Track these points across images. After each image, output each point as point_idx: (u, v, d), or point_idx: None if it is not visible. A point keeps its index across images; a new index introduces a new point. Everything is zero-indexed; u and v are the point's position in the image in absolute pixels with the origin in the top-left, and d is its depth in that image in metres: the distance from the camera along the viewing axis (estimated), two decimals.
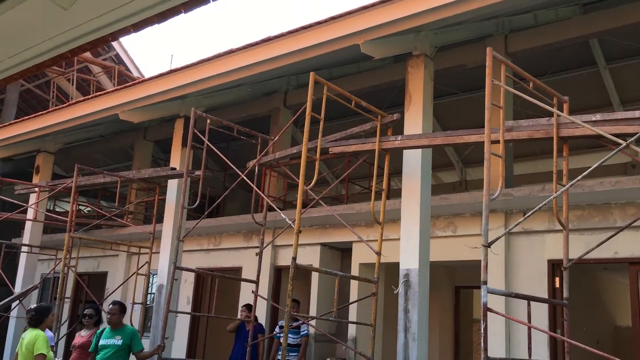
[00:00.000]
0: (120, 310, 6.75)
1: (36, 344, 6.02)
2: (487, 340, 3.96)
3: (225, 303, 10.97)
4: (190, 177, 7.92)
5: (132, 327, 6.88)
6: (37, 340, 6.05)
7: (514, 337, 7.52)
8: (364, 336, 9.10)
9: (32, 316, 6.28)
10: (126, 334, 6.59)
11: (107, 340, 6.54)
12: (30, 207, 12.06)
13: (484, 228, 4.18)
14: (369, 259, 9.33)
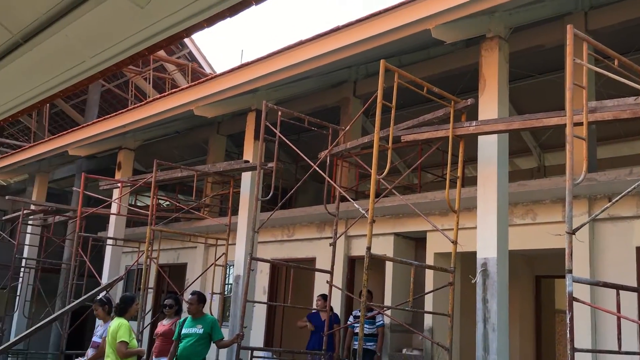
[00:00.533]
0: (198, 300, 6.96)
1: (119, 332, 6.32)
2: (573, 331, 3.79)
3: (300, 293, 11.09)
4: (263, 169, 8.03)
5: (212, 317, 7.08)
6: (120, 329, 6.34)
7: (601, 328, 7.18)
8: (441, 326, 8.97)
9: (117, 305, 6.59)
10: (207, 323, 6.79)
11: (189, 329, 6.77)
12: (114, 201, 12.62)
13: (568, 214, 4.00)
14: (444, 248, 9.16)
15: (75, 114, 21.00)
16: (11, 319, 15.81)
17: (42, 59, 2.80)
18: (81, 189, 11.36)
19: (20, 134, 23.19)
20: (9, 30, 2.61)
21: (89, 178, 12.04)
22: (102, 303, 7.48)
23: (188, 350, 6.70)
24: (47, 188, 17.53)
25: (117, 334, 6.31)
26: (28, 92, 3.15)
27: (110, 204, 12.93)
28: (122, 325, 6.37)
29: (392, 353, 9.70)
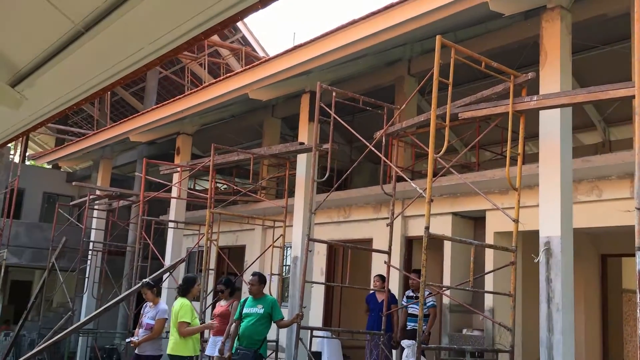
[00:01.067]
0: (259, 280, 7.08)
1: (180, 312, 6.55)
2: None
3: (357, 274, 11.12)
4: (318, 151, 8.04)
5: (272, 297, 7.20)
6: (181, 309, 6.58)
7: None
8: (502, 307, 8.81)
9: (180, 286, 6.80)
10: (267, 303, 6.91)
11: (250, 309, 6.91)
12: (174, 185, 12.94)
13: (637, 190, 3.82)
14: (504, 227, 8.96)
15: (135, 101, 21.61)
16: (81, 299, 16.55)
17: (103, 47, 2.86)
18: (143, 174, 11.70)
19: (84, 122, 24.08)
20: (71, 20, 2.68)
21: (150, 163, 12.37)
22: (150, 286, 7.57)
23: (250, 330, 6.82)
24: (111, 174, 18.16)
25: (178, 314, 6.52)
26: (90, 80, 3.22)
27: (170, 188, 13.27)
28: (184, 305, 6.58)
29: (452, 333, 9.61)
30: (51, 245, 15.31)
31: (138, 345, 7.02)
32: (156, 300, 7.41)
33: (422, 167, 13.81)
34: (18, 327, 14.46)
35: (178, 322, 6.57)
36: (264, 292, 7.19)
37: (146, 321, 7.30)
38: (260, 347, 6.83)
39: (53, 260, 14.44)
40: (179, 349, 6.54)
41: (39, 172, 22.31)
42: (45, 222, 20.37)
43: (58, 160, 18.34)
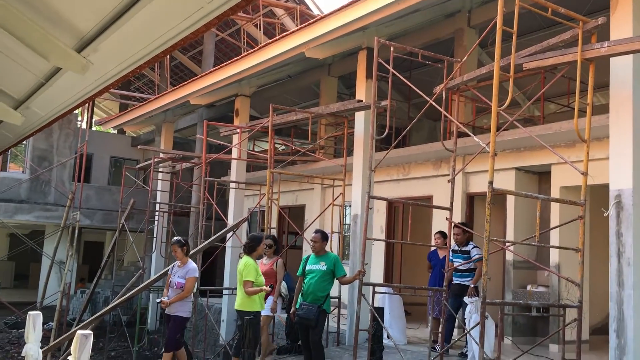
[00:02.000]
0: (322, 237, 7.16)
1: (244, 271, 6.68)
2: None
3: (417, 231, 11.09)
4: (377, 108, 7.94)
5: (334, 254, 7.26)
6: (246, 268, 6.70)
7: None
8: (568, 262, 8.63)
9: (246, 244, 6.92)
10: (330, 260, 6.99)
11: (313, 266, 7.02)
12: (234, 147, 13.14)
13: None
14: (571, 181, 8.70)
15: (193, 65, 21.89)
16: (150, 258, 17.27)
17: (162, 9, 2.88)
18: (204, 136, 11.91)
19: (146, 87, 24.64)
20: None
21: (210, 126, 12.57)
22: (181, 244, 7.47)
23: (313, 286, 6.95)
24: (173, 137, 18.63)
25: (243, 272, 6.67)
26: (152, 43, 3.26)
27: (230, 149, 13.49)
28: (248, 264, 6.72)
29: (516, 290, 9.50)
30: (120, 207, 15.97)
31: (169, 305, 7.02)
32: (185, 260, 7.33)
33: (483, 123, 13.47)
34: (93, 285, 15.27)
35: (244, 281, 6.69)
36: (326, 250, 7.26)
37: (176, 280, 7.21)
38: (324, 303, 6.95)
39: (122, 221, 15.06)
40: (247, 305, 6.71)
41: (105, 137, 23.15)
42: (114, 185, 21.22)
43: (123, 125, 18.91)
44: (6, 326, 14.97)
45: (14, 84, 5.65)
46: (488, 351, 6.82)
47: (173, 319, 7.05)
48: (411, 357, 7.91)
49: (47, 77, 5.26)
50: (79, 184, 15.79)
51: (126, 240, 16.38)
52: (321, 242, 7.17)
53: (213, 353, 12.03)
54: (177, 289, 7.11)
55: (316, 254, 7.14)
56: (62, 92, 5.44)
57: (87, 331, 5.08)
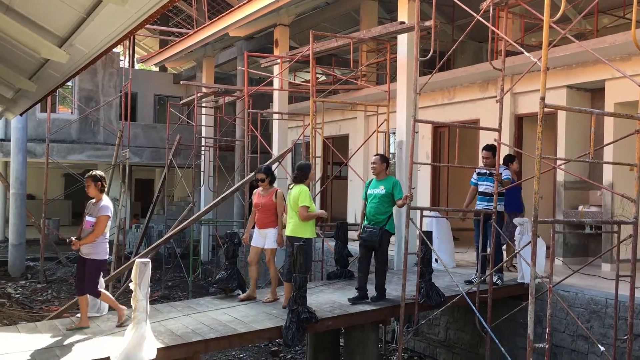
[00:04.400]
0: (381, 160, 7.21)
1: (300, 196, 6.74)
2: None
3: (464, 157, 10.93)
4: (420, 29, 7.69)
5: (394, 178, 7.28)
6: (302, 194, 6.76)
7: None
8: (622, 180, 8.40)
9: (297, 174, 6.96)
10: (389, 184, 7.08)
11: (373, 190, 7.14)
12: (276, 77, 13.05)
13: None
14: (626, 97, 8.36)
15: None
16: (199, 192, 17.69)
17: None
18: (245, 68, 11.87)
19: (184, 23, 24.50)
20: None
21: (251, 58, 12.51)
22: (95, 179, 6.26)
23: (373, 209, 7.06)
24: (214, 72, 18.62)
25: (298, 199, 6.75)
26: None
27: (272, 81, 13.42)
28: (303, 191, 6.80)
29: (567, 210, 9.36)
30: (167, 143, 16.27)
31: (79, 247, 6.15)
32: (99, 197, 6.30)
33: (531, 41, 12.94)
34: (146, 220, 15.81)
35: (300, 207, 6.73)
36: (387, 173, 7.27)
37: (87, 219, 6.24)
38: (386, 224, 7.07)
39: (170, 157, 15.37)
40: (299, 231, 6.80)
41: (148, 76, 23.34)
42: (159, 122, 21.56)
43: (164, 62, 18.98)
44: (68, 260, 15.76)
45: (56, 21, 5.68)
46: (539, 272, 6.80)
47: (88, 262, 6.15)
48: (460, 279, 7.98)
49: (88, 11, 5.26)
50: (126, 122, 16.08)
51: (175, 176, 16.78)
52: (380, 165, 7.18)
53: (265, 281, 12.42)
54: (87, 228, 6.18)
55: (377, 178, 7.22)
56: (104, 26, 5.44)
57: (145, 259, 5.31)
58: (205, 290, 13.69)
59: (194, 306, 6.86)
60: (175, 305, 7.09)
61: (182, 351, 5.37)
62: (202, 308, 6.78)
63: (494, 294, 7.18)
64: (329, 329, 6.55)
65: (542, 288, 6.82)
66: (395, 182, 7.13)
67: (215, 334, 5.68)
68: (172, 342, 5.39)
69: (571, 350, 6.89)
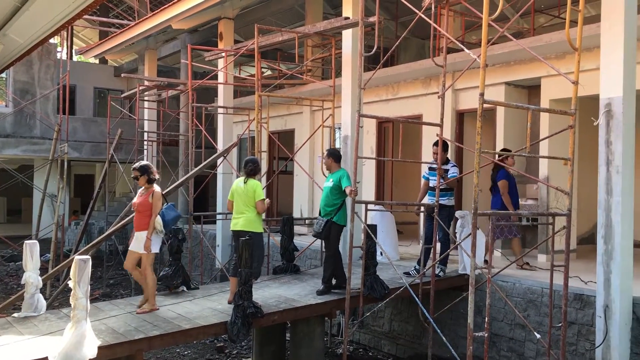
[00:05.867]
0: (328, 155, 7.49)
1: (257, 190, 6.81)
2: None
3: (408, 151, 11.13)
4: (364, 24, 7.74)
5: (343, 170, 7.44)
6: (258, 187, 6.84)
7: None
8: (557, 174, 8.76)
9: (252, 167, 6.97)
10: (336, 176, 7.28)
11: (325, 184, 7.40)
12: (220, 70, 12.90)
13: None
14: (560, 94, 8.70)
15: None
16: None
17: None
18: (189, 61, 11.67)
19: (125, 14, 23.87)
20: None
21: (195, 52, 12.31)
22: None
23: (323, 202, 7.32)
24: (157, 66, 18.24)
25: (255, 193, 6.79)
26: None
27: (216, 74, 13.25)
28: (259, 185, 6.89)
29: None
30: (108, 138, 15.84)
31: None
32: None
33: (472, 39, 13.28)
34: (86, 217, 15.36)
35: (259, 201, 6.75)
36: (339, 167, 7.44)
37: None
38: (334, 216, 7.20)
39: (111, 152, 14.97)
40: (252, 226, 6.77)
41: (87, 68, 22.65)
42: (99, 116, 20.96)
43: (104, 54, 18.46)
44: (3, 259, 15.15)
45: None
46: (478, 263, 7.01)
47: None
48: (403, 271, 8.12)
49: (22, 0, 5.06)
50: (64, 116, 15.55)
51: (116, 171, 16.34)
52: (327, 159, 7.43)
53: (210, 277, 12.30)
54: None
55: (330, 172, 7.45)
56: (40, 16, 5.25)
57: (85, 256, 5.16)
58: None
59: (136, 303, 6.72)
60: (117, 303, 6.93)
61: (124, 349, 5.26)
62: None
63: (436, 285, 7.36)
64: (275, 323, 6.55)
65: (481, 279, 7.04)
66: (342, 173, 7.29)
67: (159, 331, 5.59)
68: (113, 340, 5.27)
69: (509, 338, 7.14)
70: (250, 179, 6.90)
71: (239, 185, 6.91)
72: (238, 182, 6.99)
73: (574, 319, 6.48)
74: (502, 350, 7.18)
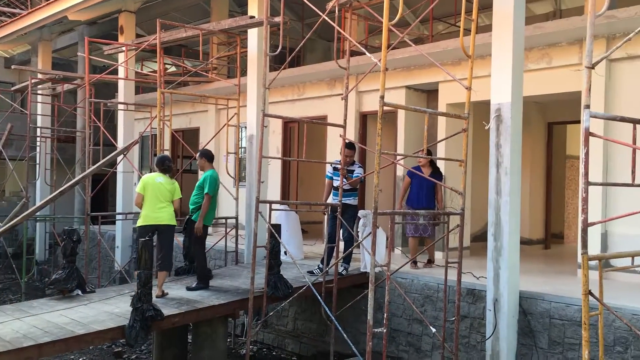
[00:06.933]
0: (200, 155, 7.78)
1: (177, 188, 7.11)
2: (588, 165, 3.82)
3: (313, 152, 11.24)
4: (270, 24, 7.76)
5: (211, 172, 7.59)
6: (176, 185, 7.13)
7: (612, 165, 7.32)
8: (453, 174, 9.16)
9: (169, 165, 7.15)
10: (202, 177, 7.60)
11: None
12: (121, 65, 12.43)
13: (588, 48, 3.86)
14: (456, 98, 9.11)
15: None
16: (34, 187, 16.35)
17: None
18: (86, 54, 11.15)
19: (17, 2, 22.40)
20: None
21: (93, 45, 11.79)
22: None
23: (191, 200, 7.69)
24: (52, 58, 17.27)
25: (175, 190, 7.05)
26: None
27: (117, 69, 12.76)
28: (176, 182, 7.14)
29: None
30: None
31: None
32: None
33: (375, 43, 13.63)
34: None
35: (178, 199, 7.06)
36: (210, 167, 7.69)
37: None
38: (194, 215, 7.62)
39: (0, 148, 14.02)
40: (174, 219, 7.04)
41: None
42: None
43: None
44: None
45: None
46: (379, 260, 7.21)
47: None
48: (308, 270, 8.21)
49: None
50: None
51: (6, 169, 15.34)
52: (200, 159, 7.73)
53: (108, 279, 11.83)
54: None
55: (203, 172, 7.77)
56: None
57: None
58: (42, 292, 12.71)
59: (26, 309, 6.35)
60: (4, 309, 6.51)
61: (11, 358, 4.95)
62: (35, 311, 6.29)
63: (339, 283, 7.49)
64: (176, 325, 6.41)
65: (382, 276, 7.24)
66: (208, 175, 7.53)
67: (50, 337, 5.31)
68: None
69: (407, 333, 7.40)
70: (166, 177, 7.03)
71: (156, 181, 6.90)
72: (153, 177, 7.01)
73: (467, 312, 6.81)
74: (401, 345, 7.43)
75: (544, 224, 11.02)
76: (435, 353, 6.96)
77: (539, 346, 6.15)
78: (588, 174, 3.83)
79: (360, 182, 8.14)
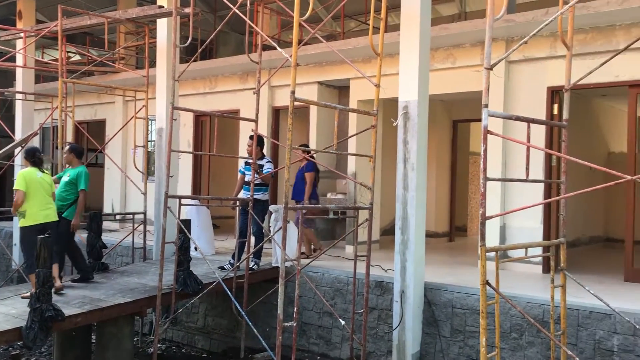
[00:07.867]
0: (69, 150, 7.58)
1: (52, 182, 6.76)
2: (486, 162, 4.02)
3: (225, 146, 11.11)
4: (179, 15, 7.60)
5: (83, 167, 7.46)
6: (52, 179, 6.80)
7: (510, 162, 7.76)
8: (363, 170, 9.34)
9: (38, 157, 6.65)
10: (74, 172, 7.36)
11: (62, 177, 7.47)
12: (19, 52, 11.72)
13: (487, 50, 4.05)
14: (366, 95, 9.29)
15: None
16: None
17: None
18: None
19: None
20: None
21: None
22: None
23: (57, 196, 7.20)
24: None
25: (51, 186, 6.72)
26: None
27: (14, 57, 12.01)
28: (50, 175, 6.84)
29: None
30: None
31: None
32: None
33: (288, 38, 13.65)
34: None
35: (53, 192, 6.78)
36: (80, 163, 7.53)
37: None
38: (65, 211, 7.24)
39: None
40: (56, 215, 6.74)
41: None
42: None
43: None
44: None
45: None
46: (290, 255, 7.25)
47: None
48: (219, 265, 8.11)
49: None
50: None
51: None
52: (68, 154, 7.54)
53: (5, 279, 11.15)
54: None
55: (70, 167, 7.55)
56: None
57: None
58: None
59: None
60: None
61: None
62: None
63: (250, 278, 7.47)
64: (79, 325, 6.14)
65: (293, 270, 7.28)
66: (81, 170, 7.35)
67: None
68: None
69: (318, 326, 7.49)
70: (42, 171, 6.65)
71: (38, 176, 6.45)
72: (33, 171, 6.48)
73: (375, 304, 6.98)
74: (312, 338, 7.51)
75: (449, 218, 11.47)
76: (345, 345, 7.09)
77: (442, 335, 6.41)
78: (486, 170, 4.03)
79: (271, 177, 8.14)
